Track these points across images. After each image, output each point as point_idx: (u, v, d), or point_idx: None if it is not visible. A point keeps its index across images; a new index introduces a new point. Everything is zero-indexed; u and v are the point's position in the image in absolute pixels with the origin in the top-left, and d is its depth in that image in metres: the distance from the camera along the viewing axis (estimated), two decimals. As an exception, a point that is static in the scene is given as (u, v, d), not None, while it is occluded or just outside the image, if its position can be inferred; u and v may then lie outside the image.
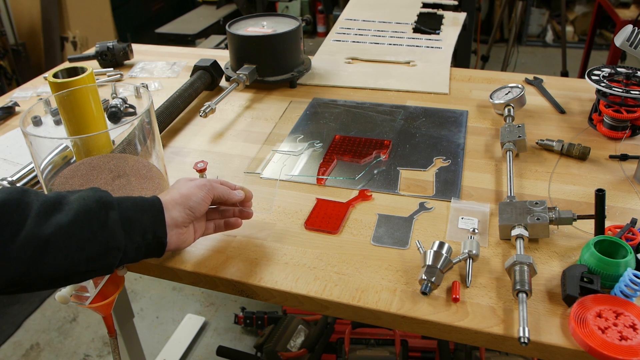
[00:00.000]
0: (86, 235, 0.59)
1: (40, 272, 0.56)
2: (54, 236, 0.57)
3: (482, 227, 0.82)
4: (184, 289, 2.16)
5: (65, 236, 0.57)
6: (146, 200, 0.67)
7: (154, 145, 0.79)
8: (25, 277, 0.56)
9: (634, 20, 2.35)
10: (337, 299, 0.71)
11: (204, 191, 0.72)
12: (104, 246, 0.60)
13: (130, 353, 1.50)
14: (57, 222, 0.57)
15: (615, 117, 1.02)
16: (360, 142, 1.05)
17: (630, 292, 0.66)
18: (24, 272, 0.55)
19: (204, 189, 0.72)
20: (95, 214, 0.60)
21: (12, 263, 0.55)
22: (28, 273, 0.56)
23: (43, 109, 0.88)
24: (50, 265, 0.57)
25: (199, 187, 0.72)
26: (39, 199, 0.59)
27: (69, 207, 0.59)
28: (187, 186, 0.72)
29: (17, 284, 0.56)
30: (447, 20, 1.62)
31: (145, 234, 0.65)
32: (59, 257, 0.57)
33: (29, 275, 0.56)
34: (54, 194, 0.61)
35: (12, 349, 1.89)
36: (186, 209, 0.69)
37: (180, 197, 0.69)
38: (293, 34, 1.28)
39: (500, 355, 1.54)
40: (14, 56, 3.04)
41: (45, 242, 0.56)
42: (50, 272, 0.57)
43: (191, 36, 2.97)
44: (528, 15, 4.31)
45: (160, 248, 0.67)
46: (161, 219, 0.66)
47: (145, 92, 0.83)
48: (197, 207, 0.70)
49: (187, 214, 0.69)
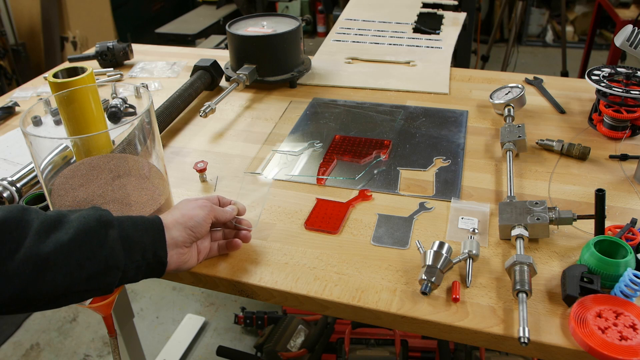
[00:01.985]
0: (86, 254, 0.59)
1: (39, 290, 0.56)
2: (54, 254, 0.57)
3: (482, 227, 0.82)
4: (184, 289, 2.16)
5: (64, 254, 0.57)
6: (147, 220, 0.67)
7: (154, 145, 0.79)
8: (24, 294, 0.56)
9: (634, 20, 2.35)
10: (337, 299, 0.71)
11: (205, 211, 0.72)
12: (104, 265, 0.60)
13: (130, 353, 1.50)
14: (56, 240, 0.57)
15: (615, 117, 1.02)
16: (360, 142, 1.05)
17: (630, 292, 0.66)
18: (23, 289, 0.55)
19: (204, 209, 0.72)
20: (96, 232, 0.60)
21: (11, 280, 0.55)
22: (27, 290, 0.56)
23: (43, 109, 0.88)
24: (50, 282, 0.57)
25: (200, 207, 0.72)
26: (39, 217, 0.59)
27: (69, 226, 0.59)
28: (188, 206, 0.72)
29: (16, 302, 0.56)
30: (447, 20, 1.62)
31: (145, 253, 0.64)
32: (59, 275, 0.57)
33: (27, 293, 0.56)
34: (54, 212, 0.61)
35: (12, 349, 1.89)
36: (187, 229, 0.69)
37: (181, 217, 0.69)
38: (293, 34, 1.28)
39: (500, 355, 1.53)
40: (14, 56, 3.04)
41: (45, 260, 0.56)
42: (49, 290, 0.57)
43: (191, 36, 2.97)
44: (528, 15, 4.31)
45: (161, 268, 0.67)
46: (161, 238, 0.66)
47: (145, 92, 0.83)
48: (198, 227, 0.70)
49: (188, 234, 0.69)
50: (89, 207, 0.65)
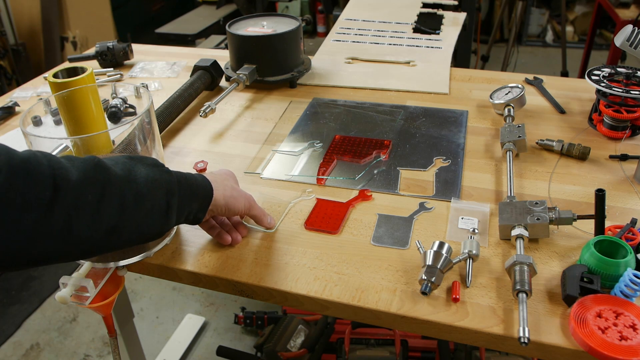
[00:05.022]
0: (149, 220, 0.66)
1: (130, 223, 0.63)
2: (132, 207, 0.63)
3: (482, 227, 0.82)
4: (184, 289, 2.16)
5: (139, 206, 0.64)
6: (202, 188, 0.73)
7: (154, 145, 0.79)
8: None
9: (634, 20, 2.35)
10: (337, 299, 0.71)
11: (245, 205, 0.79)
12: (159, 229, 0.68)
13: (130, 353, 1.50)
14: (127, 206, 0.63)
15: (615, 117, 1.02)
16: (360, 142, 1.05)
17: (630, 292, 0.66)
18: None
19: (247, 202, 0.79)
20: (161, 202, 0.67)
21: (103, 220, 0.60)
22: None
23: (43, 109, 0.88)
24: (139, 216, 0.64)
25: (245, 199, 0.79)
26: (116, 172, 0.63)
27: (141, 193, 0.65)
28: (238, 191, 0.80)
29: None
30: (447, 20, 1.62)
31: (189, 215, 0.73)
32: (138, 216, 0.64)
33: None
34: (122, 168, 0.65)
35: (12, 349, 1.89)
36: (224, 209, 0.77)
37: (226, 198, 0.76)
38: (293, 34, 1.28)
39: (500, 355, 1.53)
40: (14, 56, 3.04)
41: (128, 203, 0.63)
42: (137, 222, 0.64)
43: (191, 36, 2.97)
44: (528, 15, 4.31)
45: (195, 222, 0.76)
46: (206, 207, 0.74)
47: (145, 92, 0.83)
48: (229, 213, 0.78)
49: (220, 213, 0.77)
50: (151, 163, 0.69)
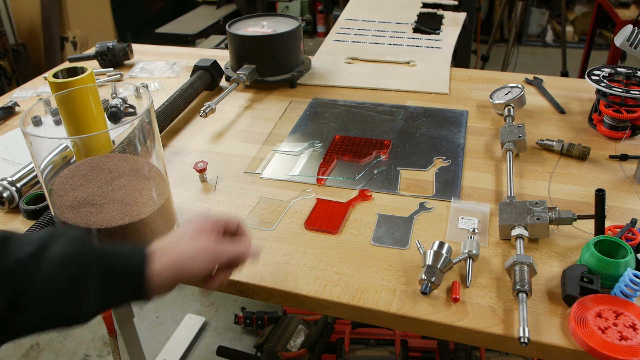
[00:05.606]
0: (61, 300, 0.53)
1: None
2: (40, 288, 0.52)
3: (482, 227, 0.82)
4: (184, 289, 2.16)
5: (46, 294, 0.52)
6: (132, 266, 0.58)
7: (154, 145, 0.79)
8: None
9: (634, 20, 2.35)
10: (337, 299, 0.71)
11: (206, 260, 0.61)
12: (76, 313, 0.55)
13: (130, 353, 1.50)
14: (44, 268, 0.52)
15: (615, 117, 1.02)
16: (360, 142, 1.05)
17: (630, 292, 0.66)
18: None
19: (209, 255, 0.61)
20: (75, 287, 0.54)
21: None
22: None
23: (43, 109, 0.88)
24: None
25: (204, 252, 0.61)
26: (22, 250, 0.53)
27: (46, 268, 0.53)
28: (190, 247, 0.61)
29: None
30: (447, 20, 1.62)
31: (120, 300, 0.58)
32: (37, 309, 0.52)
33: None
34: (36, 244, 0.54)
35: (12, 349, 1.89)
36: (176, 280, 0.59)
37: (174, 266, 0.59)
38: (293, 34, 1.28)
39: (500, 355, 1.53)
40: (14, 56, 3.04)
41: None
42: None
43: (191, 36, 2.97)
44: (528, 15, 4.31)
45: (139, 298, 0.59)
46: (142, 287, 0.58)
47: (145, 92, 0.83)
48: (189, 279, 0.60)
49: (174, 284, 0.60)
50: (76, 230, 0.58)
